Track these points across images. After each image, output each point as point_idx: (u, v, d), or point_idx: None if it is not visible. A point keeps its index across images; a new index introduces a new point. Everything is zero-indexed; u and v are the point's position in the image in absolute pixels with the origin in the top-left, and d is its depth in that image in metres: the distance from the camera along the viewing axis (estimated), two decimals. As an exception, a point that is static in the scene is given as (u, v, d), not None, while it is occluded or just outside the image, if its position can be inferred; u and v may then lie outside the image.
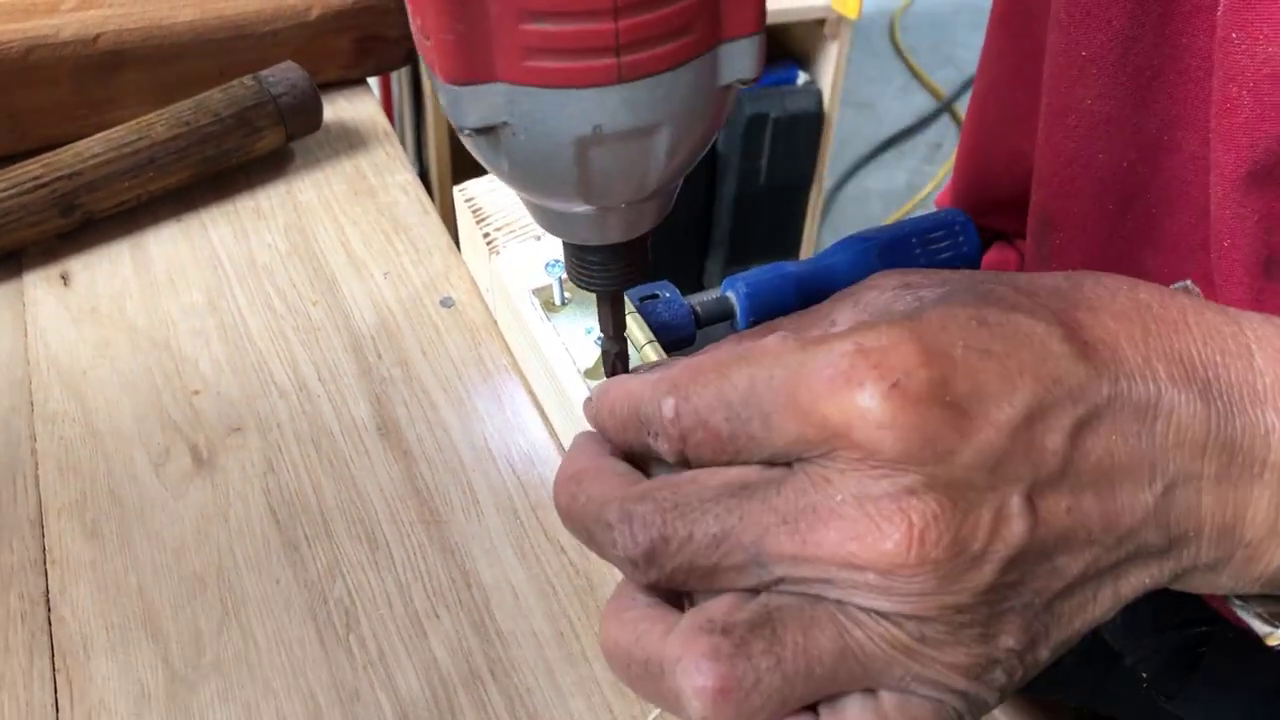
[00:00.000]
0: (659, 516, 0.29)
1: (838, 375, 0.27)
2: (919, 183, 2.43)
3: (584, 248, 0.35)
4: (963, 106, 2.67)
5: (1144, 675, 0.59)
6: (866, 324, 0.29)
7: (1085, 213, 0.52)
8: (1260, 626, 0.32)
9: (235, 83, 0.60)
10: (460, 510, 0.45)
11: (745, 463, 0.29)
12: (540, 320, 0.47)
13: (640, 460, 0.33)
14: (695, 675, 0.27)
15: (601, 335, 0.40)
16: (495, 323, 0.53)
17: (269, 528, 0.44)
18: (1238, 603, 0.33)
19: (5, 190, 0.54)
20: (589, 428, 0.34)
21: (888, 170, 2.48)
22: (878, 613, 0.27)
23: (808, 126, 1.79)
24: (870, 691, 0.29)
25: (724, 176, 1.83)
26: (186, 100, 0.59)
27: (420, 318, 0.54)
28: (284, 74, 0.61)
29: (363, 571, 0.43)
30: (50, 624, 0.41)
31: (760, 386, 0.29)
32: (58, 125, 0.61)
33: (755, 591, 0.29)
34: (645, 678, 0.29)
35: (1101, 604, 0.29)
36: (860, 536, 0.27)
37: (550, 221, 0.34)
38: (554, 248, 0.50)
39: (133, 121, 0.58)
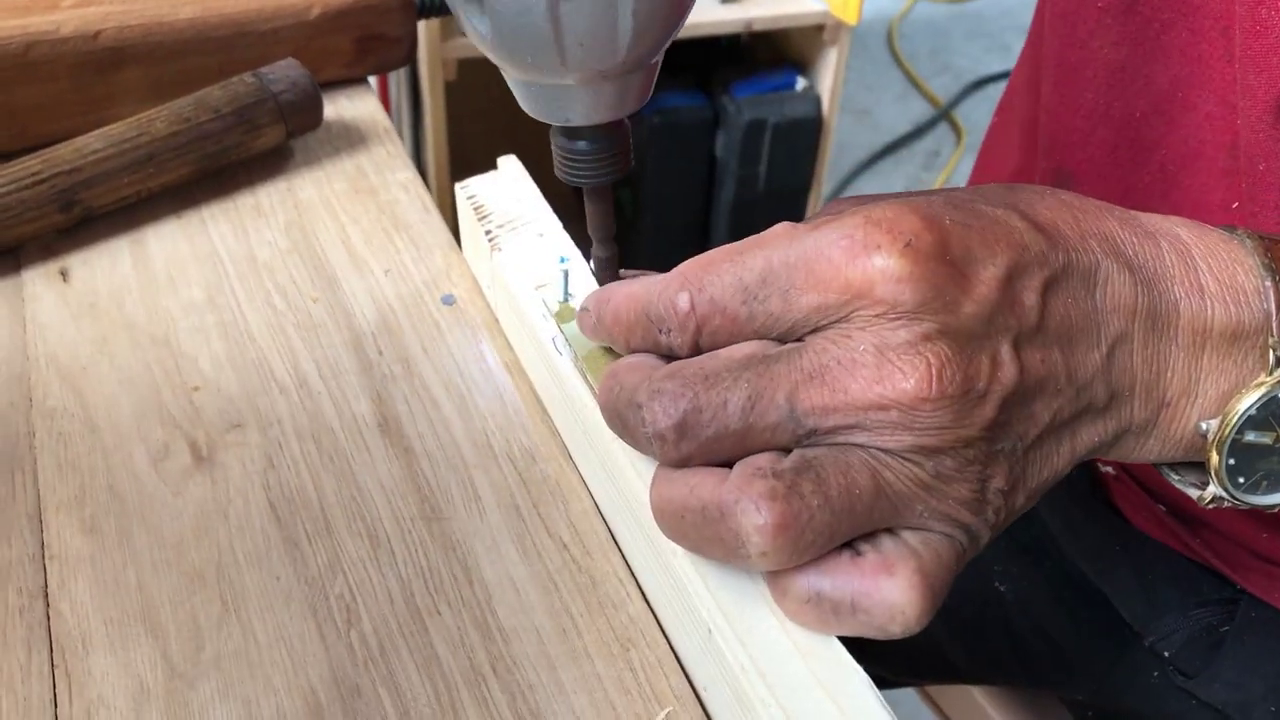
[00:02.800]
0: (688, 389, 0.32)
1: (854, 243, 0.31)
2: (917, 190, 2.44)
3: (571, 134, 0.37)
4: (960, 114, 2.67)
5: (1165, 654, 0.59)
6: (866, 203, 0.32)
7: (1103, 165, 0.52)
8: (1193, 491, 0.36)
9: (235, 79, 0.60)
10: (461, 507, 0.45)
11: (762, 339, 0.33)
12: (542, 317, 0.47)
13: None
14: (754, 514, 0.30)
15: (594, 244, 0.42)
16: (496, 320, 0.53)
17: (269, 524, 0.44)
18: (1172, 475, 0.37)
19: (4, 186, 0.54)
20: (592, 426, 0.35)
21: (885, 177, 2.48)
22: (902, 453, 0.31)
23: (806, 132, 1.80)
24: (891, 531, 0.32)
25: (722, 182, 1.83)
26: (186, 97, 0.59)
27: (421, 315, 0.54)
28: (284, 71, 0.61)
29: (363, 568, 0.42)
30: (49, 619, 0.41)
31: (776, 265, 0.32)
32: (57, 121, 0.61)
33: (786, 450, 0.32)
34: (702, 524, 0.32)
35: (1062, 456, 0.34)
36: (884, 379, 0.30)
37: (535, 101, 0.36)
38: (559, 244, 0.50)
39: (132, 118, 0.58)
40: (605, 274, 0.42)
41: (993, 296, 0.31)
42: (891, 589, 0.31)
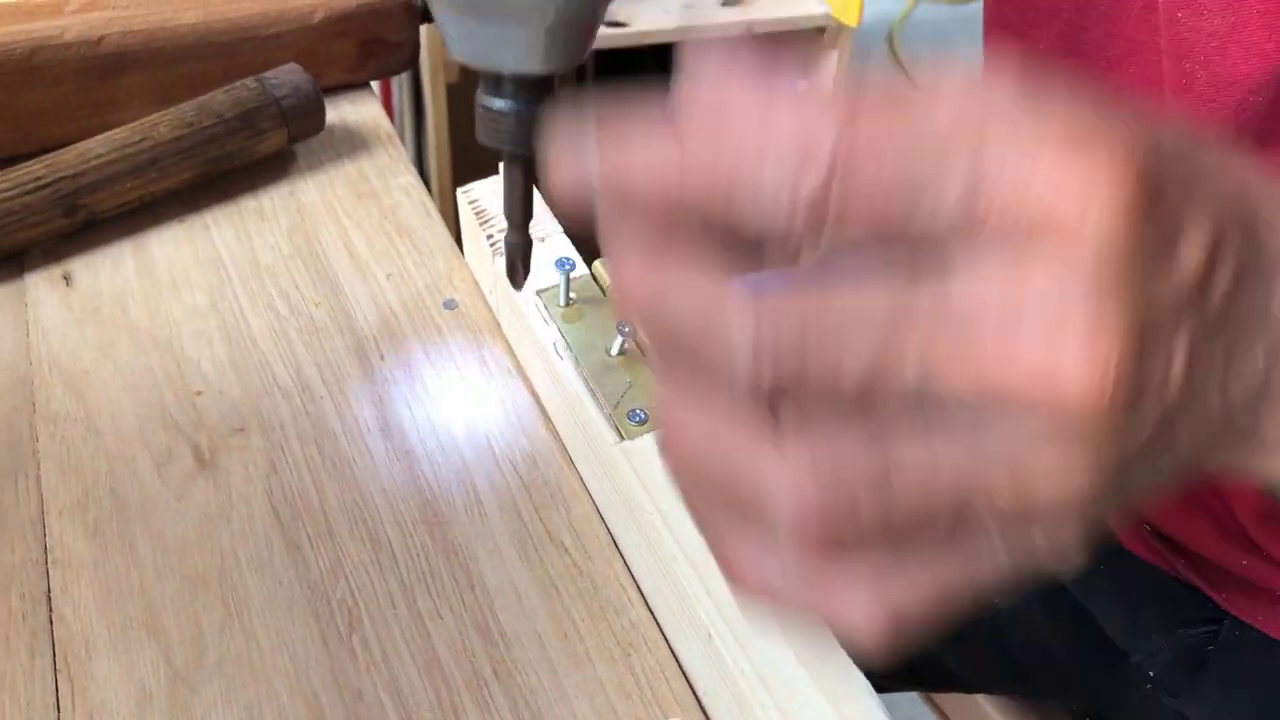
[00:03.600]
0: (797, 306, 0.22)
1: (1085, 155, 0.21)
2: (918, 192, 2.43)
3: (497, 84, 0.35)
4: (961, 116, 2.66)
5: (1150, 674, 0.59)
6: (1097, 108, 0.22)
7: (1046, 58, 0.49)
8: None
9: (238, 84, 0.60)
10: (463, 511, 0.45)
11: (891, 239, 0.22)
12: (543, 321, 0.47)
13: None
14: (798, 520, 0.23)
15: (505, 232, 0.39)
16: (498, 324, 0.53)
17: (271, 528, 0.44)
18: None
19: (8, 190, 0.54)
20: (592, 431, 0.33)
21: (886, 179, 2.48)
22: (1019, 465, 0.22)
23: (807, 135, 1.79)
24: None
25: (723, 184, 1.83)
26: (189, 102, 0.59)
27: (423, 319, 0.54)
28: (287, 76, 0.61)
29: (365, 572, 0.43)
30: (51, 623, 0.41)
31: (968, 130, 0.21)
32: (61, 126, 0.61)
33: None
34: (724, 499, 0.24)
35: (1161, 471, 0.25)
36: (1048, 372, 0.21)
37: (469, 40, 0.34)
38: (561, 249, 0.50)
39: (135, 123, 0.58)
40: (515, 260, 0.39)
41: (1190, 277, 0.23)
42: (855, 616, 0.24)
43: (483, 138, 0.36)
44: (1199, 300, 0.23)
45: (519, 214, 0.38)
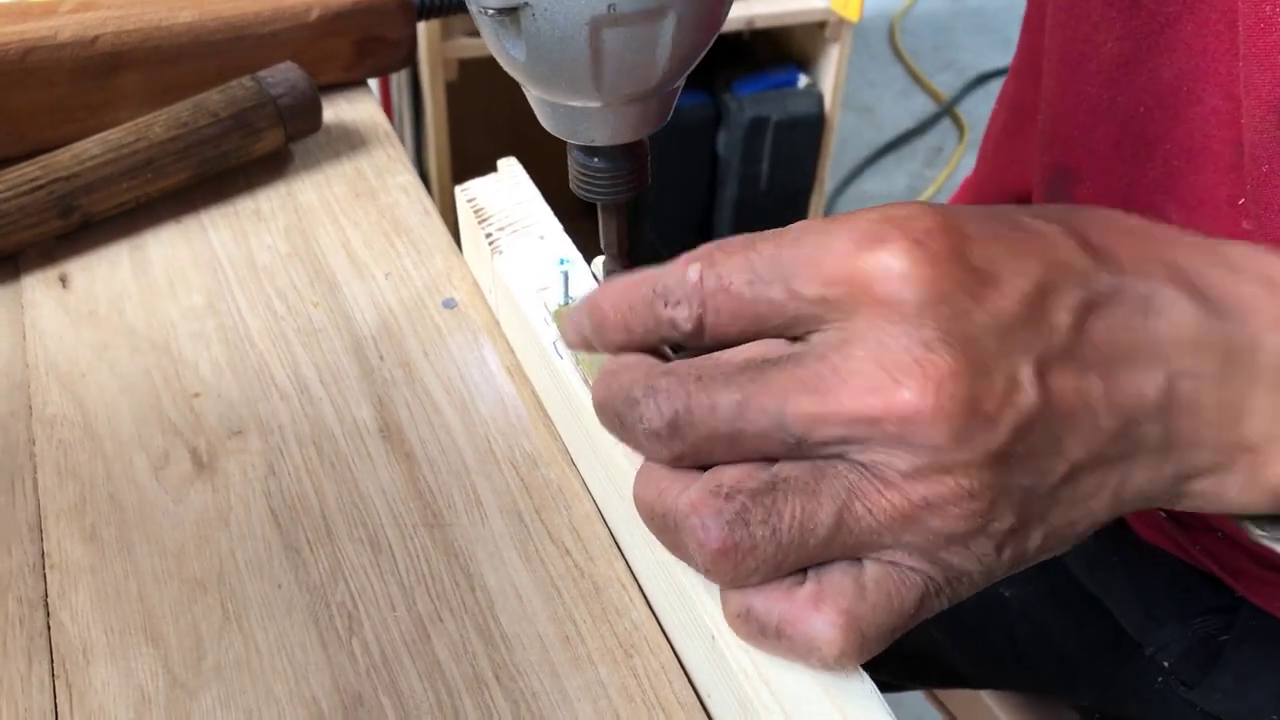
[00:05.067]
0: (682, 388, 0.31)
1: (863, 238, 0.29)
2: (919, 186, 2.43)
3: (590, 152, 0.38)
4: (963, 110, 2.66)
5: (1165, 664, 0.59)
6: (889, 206, 0.30)
7: (1106, 161, 0.52)
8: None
9: (234, 83, 0.60)
10: (464, 513, 0.44)
11: (765, 334, 0.31)
12: (544, 321, 0.47)
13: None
14: (700, 532, 0.30)
15: (604, 256, 0.43)
16: (498, 323, 0.53)
17: (270, 531, 0.44)
18: (1256, 531, 0.33)
19: (3, 193, 0.54)
20: (594, 430, 0.35)
21: (888, 174, 2.47)
22: (889, 475, 0.29)
23: (808, 130, 1.79)
24: (857, 560, 0.31)
25: (725, 181, 1.83)
26: (185, 101, 0.59)
27: (422, 319, 0.53)
28: (283, 75, 0.61)
29: (365, 575, 0.42)
30: (49, 629, 0.41)
31: (785, 254, 0.30)
32: (56, 127, 0.60)
33: (774, 461, 0.31)
34: (663, 529, 0.33)
35: (1102, 500, 0.30)
36: (878, 389, 0.28)
37: (559, 121, 0.36)
38: (560, 247, 0.50)
39: (131, 123, 0.58)
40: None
41: (1011, 309, 0.28)
42: (815, 624, 0.30)
43: (576, 190, 0.39)
44: (1033, 327, 0.28)
45: (616, 246, 0.42)
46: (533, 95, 0.36)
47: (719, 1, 0.33)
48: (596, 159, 0.38)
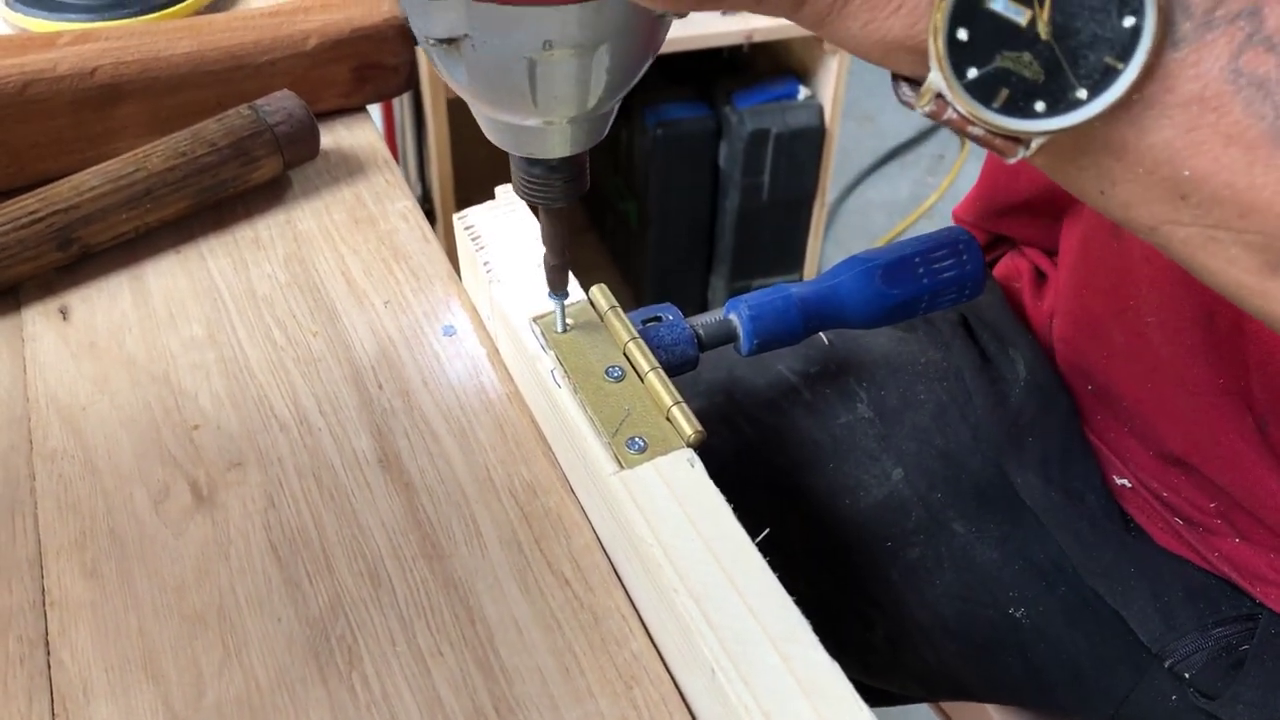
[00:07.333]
0: None
1: None
2: (922, 194, 2.43)
3: (531, 162, 0.39)
4: (965, 117, 2.66)
5: (1185, 676, 0.58)
6: None
7: None
8: (913, 96, 0.32)
9: (231, 112, 0.60)
10: (463, 544, 0.44)
11: None
12: (541, 348, 0.47)
13: None
14: None
15: (545, 254, 0.45)
16: (497, 351, 0.53)
17: (270, 564, 0.44)
18: (903, 87, 0.33)
19: (2, 225, 0.54)
20: (592, 458, 0.34)
21: (890, 182, 2.47)
22: None
23: (809, 142, 1.79)
24: None
25: (727, 193, 1.83)
26: (182, 131, 0.59)
27: (421, 347, 0.53)
28: (280, 103, 0.61)
29: (365, 608, 0.42)
30: (49, 667, 0.41)
31: None
32: (56, 159, 0.61)
33: None
34: None
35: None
36: None
37: (501, 135, 0.38)
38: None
39: (129, 154, 0.58)
40: (555, 278, 0.45)
41: None
42: None
43: (519, 193, 0.41)
44: None
45: (556, 246, 0.44)
46: (477, 111, 0.38)
47: (652, 31, 0.35)
48: (537, 168, 0.40)
